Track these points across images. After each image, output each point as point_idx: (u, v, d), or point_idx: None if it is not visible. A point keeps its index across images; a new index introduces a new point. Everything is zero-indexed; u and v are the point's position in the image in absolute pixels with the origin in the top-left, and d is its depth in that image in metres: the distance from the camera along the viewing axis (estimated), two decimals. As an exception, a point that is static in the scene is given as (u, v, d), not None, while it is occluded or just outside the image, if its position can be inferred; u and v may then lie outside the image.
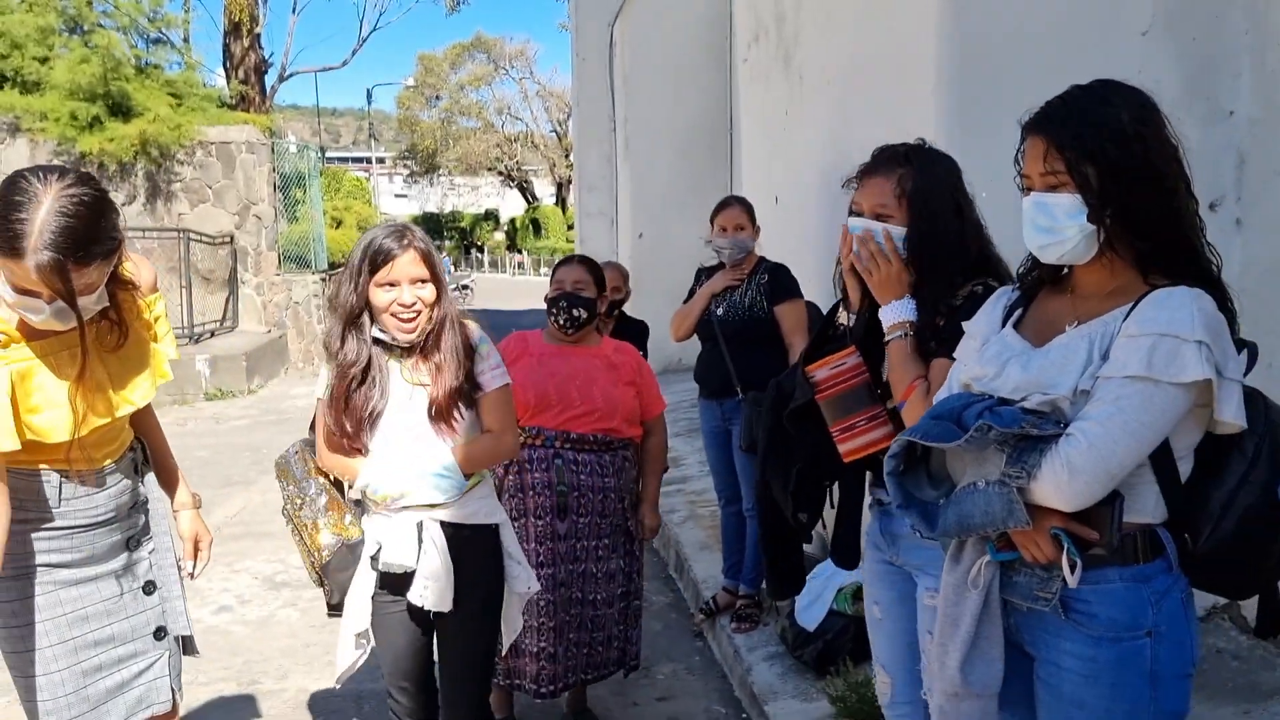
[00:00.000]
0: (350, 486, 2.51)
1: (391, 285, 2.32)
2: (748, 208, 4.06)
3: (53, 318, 1.91)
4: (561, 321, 3.32)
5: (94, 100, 12.48)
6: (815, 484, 2.25)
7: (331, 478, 2.52)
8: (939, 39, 3.19)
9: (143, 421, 2.35)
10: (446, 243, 47.63)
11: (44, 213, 1.81)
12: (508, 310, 22.91)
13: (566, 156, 50.67)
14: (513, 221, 54.34)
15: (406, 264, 2.31)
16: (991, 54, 3.11)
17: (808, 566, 3.90)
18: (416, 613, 2.45)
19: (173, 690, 2.32)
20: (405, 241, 2.33)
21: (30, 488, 2.06)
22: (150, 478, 2.34)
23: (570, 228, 49.84)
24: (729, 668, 3.98)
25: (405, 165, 55.77)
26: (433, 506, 2.40)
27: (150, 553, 2.30)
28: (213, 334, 12.66)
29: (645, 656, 4.08)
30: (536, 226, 50.39)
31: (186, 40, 17.68)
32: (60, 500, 2.09)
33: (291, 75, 25.31)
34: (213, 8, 45.83)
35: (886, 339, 1.99)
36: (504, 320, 19.96)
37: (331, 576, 2.45)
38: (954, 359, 1.77)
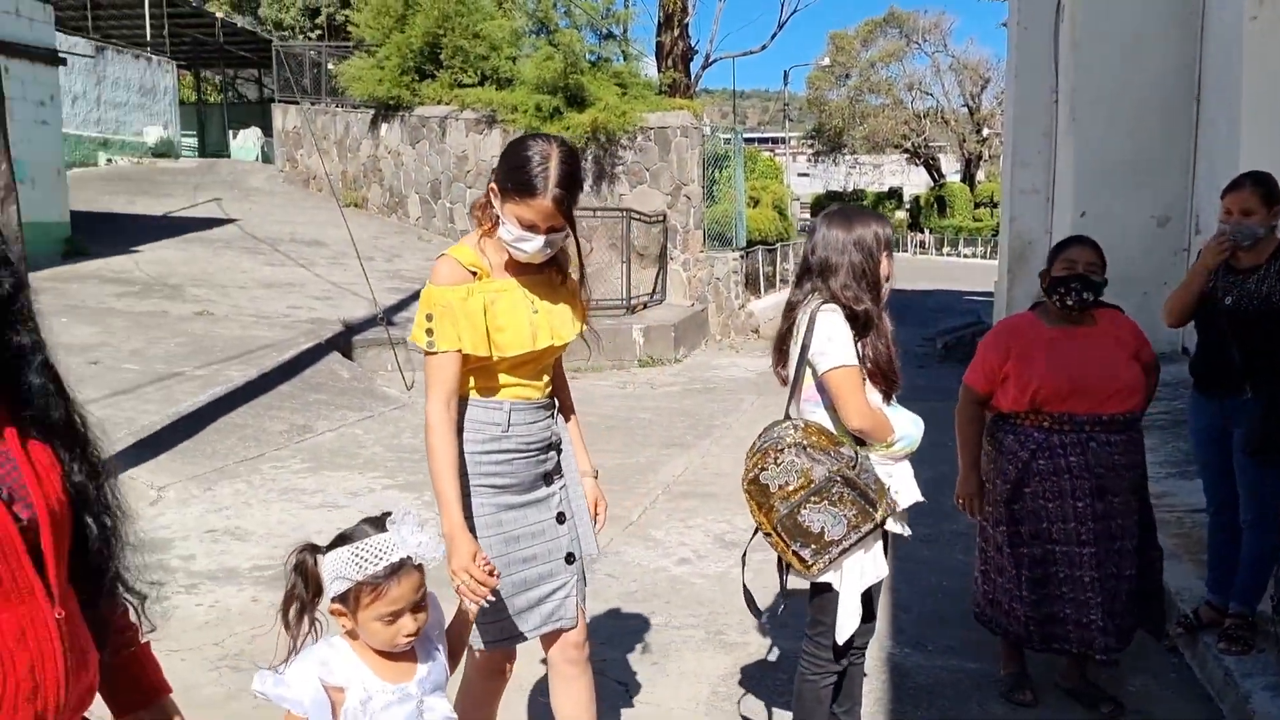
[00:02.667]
0: (859, 444, 2.68)
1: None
2: (1265, 189, 3.61)
3: (539, 250, 2.41)
4: (1070, 302, 3.34)
5: (555, 93, 13.92)
6: None
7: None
8: None
9: (559, 378, 2.72)
10: (848, 221, 47.36)
11: (555, 163, 2.35)
12: (912, 290, 22.49)
13: (978, 131, 48.27)
14: (916, 199, 52.86)
15: None
16: None
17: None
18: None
19: (580, 610, 2.66)
20: None
21: (487, 416, 2.49)
22: (561, 420, 2.69)
23: (978, 205, 47.54)
24: (1216, 691, 3.64)
25: (809, 144, 56.13)
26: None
27: (561, 487, 2.63)
28: (645, 305, 13.68)
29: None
30: (941, 204, 48.62)
31: (625, 33, 19.14)
32: (509, 426, 2.49)
33: (715, 61, 26.47)
34: (647, 1, 49.16)
35: None
36: (906, 300, 19.42)
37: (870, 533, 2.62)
38: None
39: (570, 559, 2.62)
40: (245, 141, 25.93)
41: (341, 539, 1.81)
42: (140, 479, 5.83)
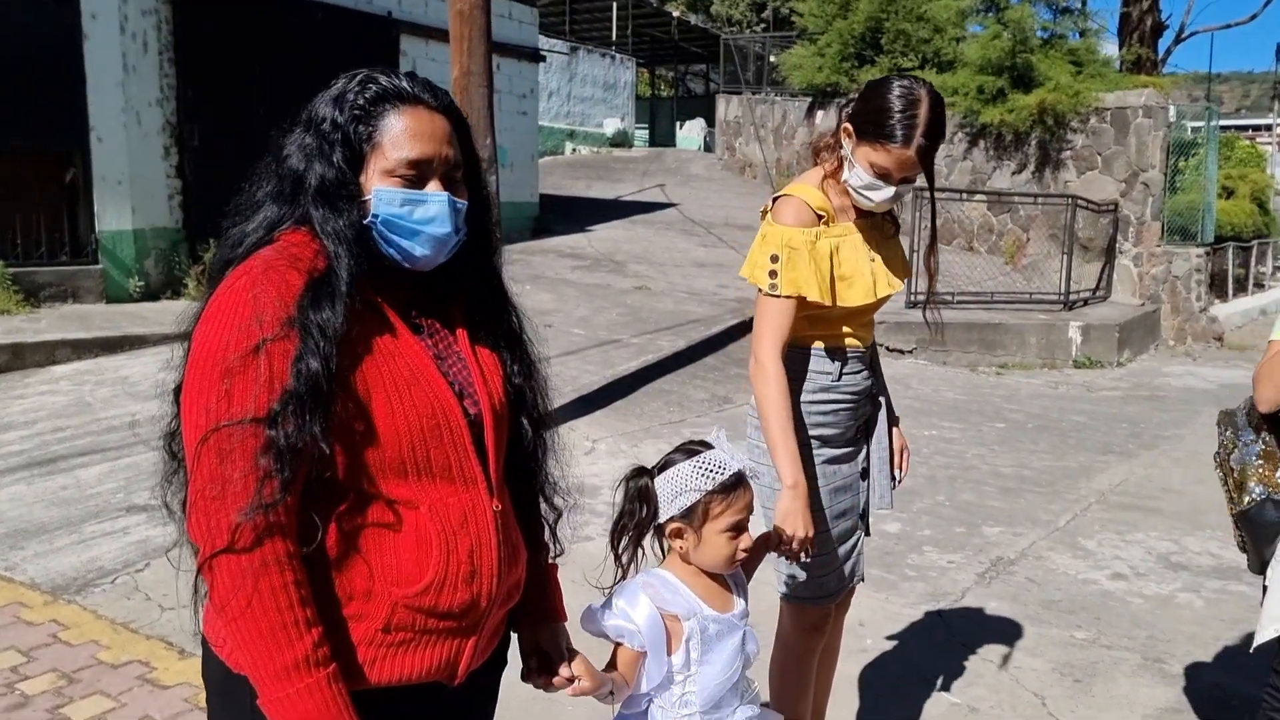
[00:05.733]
0: None
1: None
2: None
3: (887, 200, 2.28)
4: None
5: (999, 74, 13.16)
6: None
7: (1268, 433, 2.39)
8: None
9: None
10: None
11: (925, 109, 2.20)
12: None
13: None
14: None
15: None
16: None
17: None
18: None
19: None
20: None
21: (819, 365, 2.38)
22: (879, 373, 2.55)
23: None
24: None
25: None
26: None
27: (872, 440, 2.52)
28: (1085, 302, 12.53)
29: None
30: None
31: (1084, 6, 17.59)
32: (840, 376, 2.39)
33: (1190, 35, 23.49)
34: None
35: None
36: None
37: (1247, 527, 2.33)
38: None
39: (863, 517, 2.55)
40: (690, 132, 27.56)
41: (669, 462, 1.76)
42: (579, 430, 6.40)
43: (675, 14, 27.29)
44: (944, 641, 3.74)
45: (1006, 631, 3.84)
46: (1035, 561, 4.62)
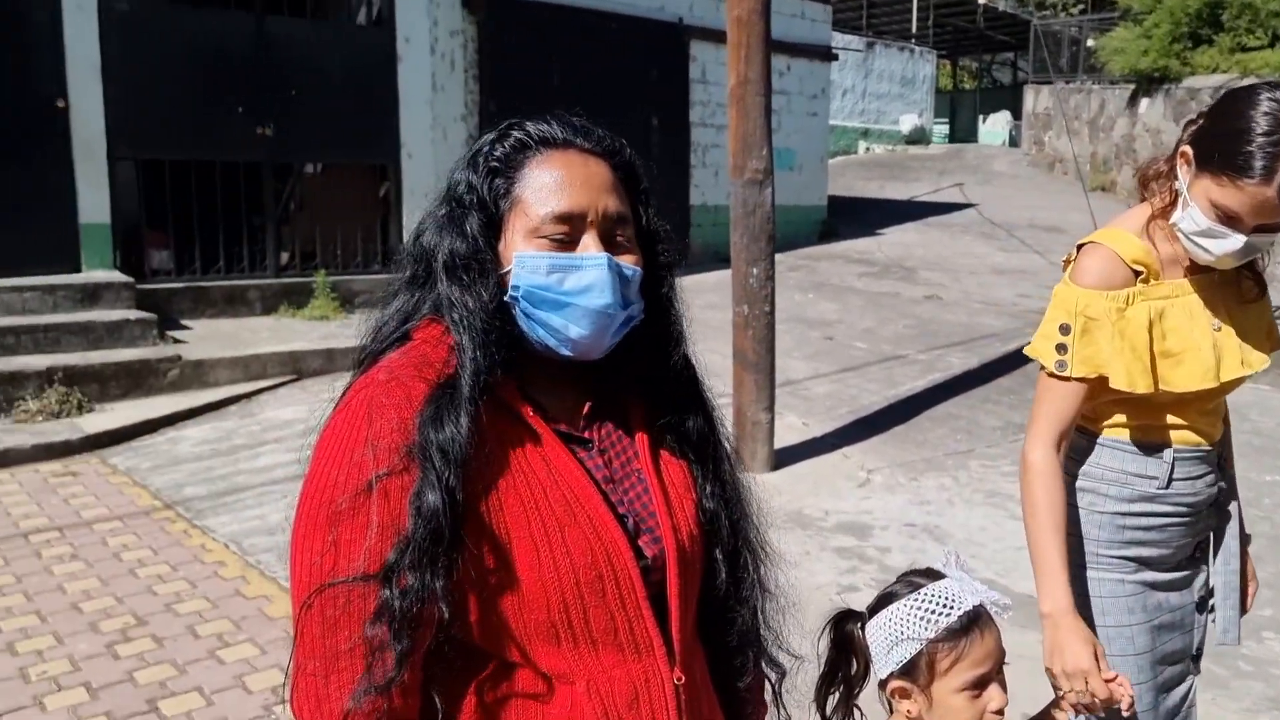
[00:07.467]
0: None
1: None
2: None
3: (1234, 253, 1.68)
4: None
5: (1380, 48, 11.19)
6: None
7: None
8: None
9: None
10: None
11: None
12: None
13: None
14: None
15: None
16: None
17: None
18: None
19: None
20: None
21: (1139, 465, 1.83)
22: (1229, 474, 1.95)
23: None
24: None
25: None
26: None
27: (1216, 560, 1.93)
28: None
29: None
30: None
31: None
32: (1169, 481, 1.82)
33: None
34: None
35: None
36: None
37: None
38: None
39: (1198, 656, 1.98)
40: (994, 126, 25.91)
41: (886, 599, 1.43)
42: (853, 458, 6.00)
43: (981, 1, 25.71)
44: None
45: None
46: (1248, 643, 3.73)
